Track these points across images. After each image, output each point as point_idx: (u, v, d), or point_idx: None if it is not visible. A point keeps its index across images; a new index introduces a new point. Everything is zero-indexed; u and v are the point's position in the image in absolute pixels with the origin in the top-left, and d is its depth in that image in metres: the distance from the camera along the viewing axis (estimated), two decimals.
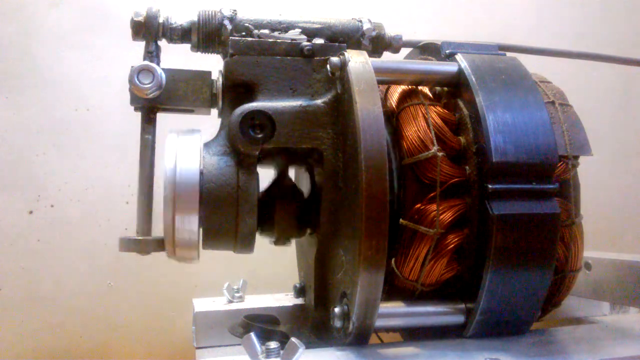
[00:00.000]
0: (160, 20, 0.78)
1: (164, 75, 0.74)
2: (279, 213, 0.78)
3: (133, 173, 0.77)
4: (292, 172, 0.89)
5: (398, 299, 0.75)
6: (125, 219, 1.23)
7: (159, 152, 0.76)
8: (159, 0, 1.14)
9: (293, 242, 1.00)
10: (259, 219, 0.74)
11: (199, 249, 0.73)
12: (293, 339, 0.59)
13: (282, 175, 0.82)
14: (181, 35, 0.79)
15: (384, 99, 0.82)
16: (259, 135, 0.72)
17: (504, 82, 0.75)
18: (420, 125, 0.74)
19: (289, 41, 0.78)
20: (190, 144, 0.73)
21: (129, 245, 0.73)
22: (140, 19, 0.76)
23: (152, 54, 0.77)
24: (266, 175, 0.82)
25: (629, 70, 1.34)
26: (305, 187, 0.86)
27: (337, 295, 0.72)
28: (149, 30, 0.77)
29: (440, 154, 0.72)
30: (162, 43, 0.80)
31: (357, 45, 0.82)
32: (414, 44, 0.90)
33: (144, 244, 0.73)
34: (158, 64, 0.76)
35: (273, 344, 0.61)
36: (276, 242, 0.82)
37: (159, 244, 0.73)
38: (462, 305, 0.74)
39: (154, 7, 0.78)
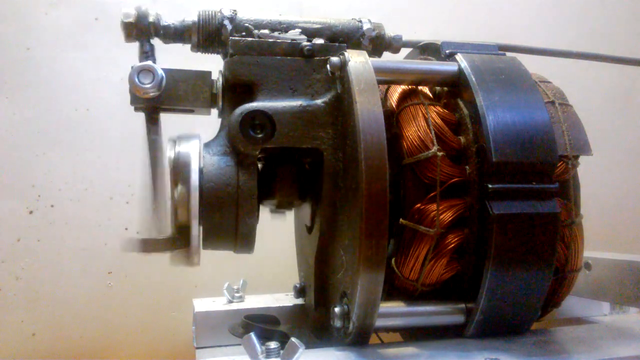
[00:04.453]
0: (151, 20, 0.77)
1: (164, 76, 0.74)
2: (280, 177, 0.78)
3: (133, 173, 0.76)
4: None
5: (398, 299, 0.75)
6: (125, 219, 1.23)
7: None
8: (160, 1, 1.15)
9: (293, 242, 1.00)
10: (260, 186, 0.73)
11: (199, 249, 0.73)
12: (293, 339, 0.59)
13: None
14: (175, 34, 0.79)
15: (384, 99, 0.82)
16: (259, 135, 0.72)
17: (503, 82, 0.75)
18: (420, 125, 0.74)
19: (289, 41, 0.78)
20: (190, 144, 0.73)
21: (151, 245, 0.72)
22: (131, 19, 0.76)
23: (148, 54, 0.77)
24: None
25: (629, 70, 1.34)
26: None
27: (337, 295, 0.72)
28: (140, 31, 0.76)
29: (440, 153, 0.72)
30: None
31: (357, 45, 0.82)
32: (414, 44, 0.90)
33: (164, 242, 0.72)
34: (154, 63, 0.76)
35: (273, 344, 0.62)
36: (277, 206, 0.81)
37: (182, 240, 0.72)
38: (462, 305, 0.74)
39: (142, 7, 0.77)
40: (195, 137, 0.74)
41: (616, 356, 0.69)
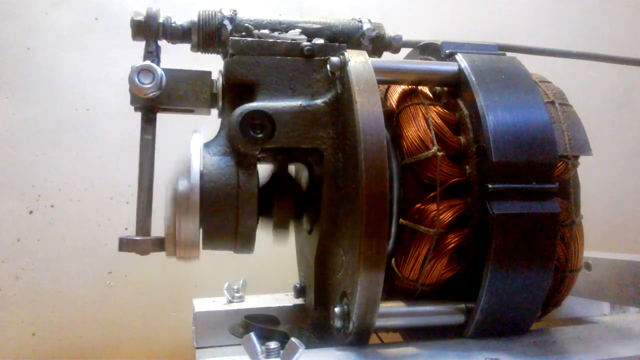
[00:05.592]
0: (161, 20, 0.78)
1: (164, 75, 0.74)
2: (278, 200, 0.78)
3: (133, 173, 0.77)
4: (291, 171, 0.89)
5: (398, 299, 0.75)
6: (125, 219, 1.23)
7: (158, 152, 0.76)
8: (160, 1, 1.15)
9: (293, 242, 1.00)
10: (258, 208, 0.73)
11: (199, 249, 0.73)
12: (293, 339, 0.59)
13: (281, 170, 0.82)
14: (182, 35, 0.79)
15: (384, 99, 0.82)
16: (259, 135, 0.72)
17: (504, 82, 0.75)
18: (420, 125, 0.74)
19: (289, 41, 0.78)
20: (190, 144, 0.73)
21: (128, 245, 0.73)
22: (141, 18, 0.76)
23: (152, 54, 0.77)
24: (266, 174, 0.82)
25: (629, 70, 1.34)
26: (303, 182, 0.86)
27: (337, 295, 0.72)
28: (149, 30, 0.77)
29: (440, 153, 0.72)
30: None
31: (357, 45, 0.82)
32: (414, 44, 0.90)
33: (143, 243, 0.73)
34: (158, 64, 0.76)
35: (273, 344, 0.62)
36: (275, 228, 0.81)
37: (159, 244, 0.73)
38: (462, 305, 0.74)
39: (154, 7, 0.78)
40: (196, 133, 0.74)
41: (616, 356, 0.69)
